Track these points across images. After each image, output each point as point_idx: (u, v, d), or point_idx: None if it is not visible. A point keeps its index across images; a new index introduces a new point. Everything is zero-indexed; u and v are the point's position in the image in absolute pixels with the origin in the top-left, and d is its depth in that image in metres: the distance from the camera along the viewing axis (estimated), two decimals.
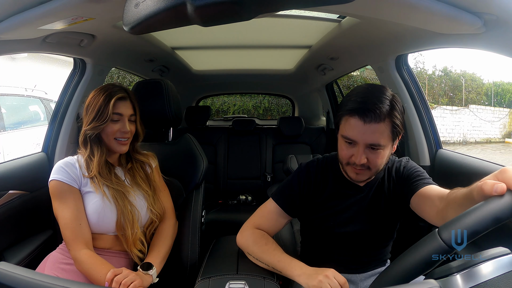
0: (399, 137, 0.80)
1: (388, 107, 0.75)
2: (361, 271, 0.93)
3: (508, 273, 0.41)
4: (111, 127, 0.94)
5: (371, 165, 0.79)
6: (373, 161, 0.78)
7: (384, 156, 0.79)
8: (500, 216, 0.41)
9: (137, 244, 0.94)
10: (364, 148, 0.77)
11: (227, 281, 0.75)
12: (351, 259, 0.92)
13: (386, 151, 0.78)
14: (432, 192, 0.75)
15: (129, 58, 1.67)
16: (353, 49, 1.56)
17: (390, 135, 0.77)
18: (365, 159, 0.78)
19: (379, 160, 0.78)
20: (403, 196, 0.84)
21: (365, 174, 0.81)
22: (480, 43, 0.90)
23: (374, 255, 0.94)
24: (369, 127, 0.74)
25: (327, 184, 0.90)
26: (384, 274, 0.49)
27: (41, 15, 0.76)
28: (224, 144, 2.47)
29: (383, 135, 0.75)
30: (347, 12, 1.05)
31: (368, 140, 0.76)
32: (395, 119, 0.76)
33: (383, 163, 0.80)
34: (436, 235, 0.43)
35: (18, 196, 1.19)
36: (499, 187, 0.43)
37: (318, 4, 0.79)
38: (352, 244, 0.91)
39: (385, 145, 0.77)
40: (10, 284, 0.42)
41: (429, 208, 0.74)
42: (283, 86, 2.82)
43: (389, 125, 0.75)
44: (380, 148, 0.77)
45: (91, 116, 0.93)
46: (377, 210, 0.88)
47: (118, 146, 0.97)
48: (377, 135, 0.75)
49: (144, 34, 1.31)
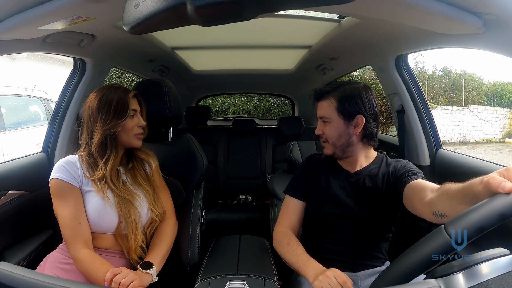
0: (356, 119, 0.93)
1: (330, 89, 0.97)
2: (359, 268, 0.94)
3: (507, 273, 0.41)
4: (130, 123, 0.97)
5: (326, 137, 0.98)
6: (326, 132, 0.98)
7: (333, 129, 0.96)
8: (506, 213, 0.41)
9: (137, 251, 0.94)
10: (321, 122, 1.00)
11: (227, 281, 0.75)
12: (343, 248, 0.94)
13: (334, 124, 0.95)
14: (423, 185, 0.78)
15: (129, 58, 1.67)
16: (353, 49, 1.56)
17: (335, 110, 0.94)
18: (321, 130, 0.99)
19: (329, 132, 0.97)
20: (396, 189, 0.89)
21: (327, 147, 1.00)
22: (480, 43, 0.90)
23: (366, 246, 0.95)
24: (319, 104, 0.99)
25: (322, 170, 1.04)
26: (387, 271, 0.49)
27: (41, 15, 0.76)
28: (224, 144, 2.48)
29: (328, 109, 0.96)
30: (347, 12, 1.05)
31: (319, 113, 0.99)
32: (340, 97, 0.94)
33: (334, 136, 0.96)
34: (443, 231, 0.43)
35: (18, 196, 1.19)
36: (507, 186, 0.43)
37: (318, 4, 0.79)
38: (341, 229, 0.95)
39: (331, 118, 0.95)
40: (10, 284, 0.42)
41: (418, 198, 0.76)
42: (283, 86, 2.82)
43: (333, 101, 0.95)
44: (328, 120, 0.96)
45: (109, 115, 0.93)
46: (365, 197, 0.94)
47: (137, 140, 1.01)
48: (323, 109, 0.97)
49: (144, 34, 1.32)
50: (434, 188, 0.73)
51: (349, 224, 0.94)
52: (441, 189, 0.68)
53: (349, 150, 0.97)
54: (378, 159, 1.00)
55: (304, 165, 1.07)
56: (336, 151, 0.98)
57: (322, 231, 0.98)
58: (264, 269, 0.84)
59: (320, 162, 1.05)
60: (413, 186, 0.81)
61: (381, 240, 0.96)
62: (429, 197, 0.71)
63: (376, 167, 0.97)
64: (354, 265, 0.94)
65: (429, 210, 0.69)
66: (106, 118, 0.93)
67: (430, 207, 0.69)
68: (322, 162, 1.05)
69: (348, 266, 0.93)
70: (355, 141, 0.96)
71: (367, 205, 0.93)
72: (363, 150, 0.99)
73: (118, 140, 0.97)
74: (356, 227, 0.94)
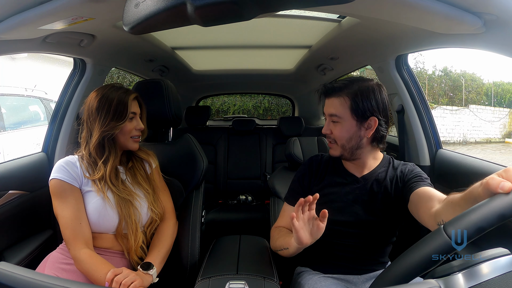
0: (369, 121, 0.87)
1: (343, 85, 0.88)
2: (362, 272, 0.93)
3: (507, 273, 0.41)
4: (128, 126, 0.97)
5: (335, 137, 0.91)
6: (335, 132, 0.90)
7: (344, 130, 0.88)
8: (506, 213, 0.41)
9: (138, 251, 0.94)
10: (329, 120, 0.92)
11: (227, 281, 0.75)
12: (350, 255, 0.93)
13: (346, 125, 0.88)
14: (431, 194, 0.77)
15: (129, 58, 1.67)
16: (353, 49, 1.56)
17: (348, 109, 0.87)
18: (329, 130, 0.92)
19: (339, 132, 0.89)
20: (403, 194, 0.87)
21: (335, 148, 0.93)
22: (480, 43, 0.90)
23: (372, 252, 0.94)
24: (328, 100, 0.91)
25: (326, 173, 0.98)
26: (387, 271, 0.49)
27: (41, 15, 0.76)
28: (224, 144, 2.47)
29: (340, 107, 0.88)
30: (347, 12, 1.05)
31: (329, 111, 0.90)
32: (354, 95, 0.86)
33: (344, 137, 0.89)
34: (442, 231, 0.43)
35: (18, 196, 1.18)
36: (506, 185, 0.44)
37: (318, 4, 0.79)
38: (349, 236, 0.92)
39: (343, 117, 0.88)
40: (10, 284, 0.42)
41: (425, 208, 0.75)
42: (283, 86, 2.82)
43: (347, 100, 0.87)
44: (339, 120, 0.88)
45: (108, 116, 0.92)
46: (373, 203, 0.91)
47: (133, 143, 1.00)
48: (334, 106, 0.89)
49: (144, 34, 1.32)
50: (441, 198, 0.72)
51: (356, 231, 0.91)
52: (446, 199, 0.68)
53: (357, 152, 0.91)
54: (385, 161, 0.97)
55: (304, 170, 1.01)
56: (344, 153, 0.92)
57: (327, 237, 0.94)
58: (264, 269, 0.84)
59: (323, 164, 1.00)
60: (420, 194, 0.79)
61: (386, 245, 0.96)
62: (435, 208, 0.70)
63: (384, 170, 0.94)
64: (357, 269, 0.93)
65: (434, 220, 0.68)
66: (105, 119, 0.92)
67: (436, 217, 0.68)
68: (326, 164, 0.99)
69: (351, 270, 0.93)
70: (365, 143, 0.90)
71: (376, 211, 0.90)
72: (371, 153, 0.94)
73: (116, 142, 0.97)
74: (363, 234, 0.91)
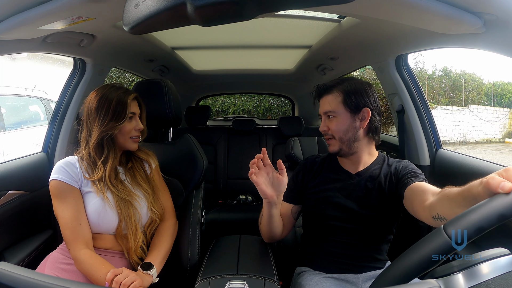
0: (362, 112, 0.92)
1: (335, 83, 0.95)
2: (360, 270, 0.94)
3: (507, 273, 0.41)
4: (128, 126, 0.97)
5: (332, 132, 0.95)
6: (331, 127, 0.95)
7: (339, 123, 0.93)
8: (506, 213, 0.41)
9: (138, 251, 0.94)
10: (325, 118, 0.96)
11: (227, 281, 0.75)
12: (346, 251, 0.94)
13: (340, 118, 0.93)
14: (424, 188, 0.77)
15: (129, 58, 1.67)
16: (353, 49, 1.56)
17: (341, 103, 0.92)
18: (326, 126, 0.96)
19: (335, 126, 0.94)
20: (397, 191, 0.88)
21: (333, 143, 0.96)
22: (480, 43, 0.90)
23: (368, 249, 0.94)
24: (322, 99, 0.97)
25: (321, 170, 1.02)
26: (386, 271, 0.49)
27: (41, 15, 0.76)
28: (224, 144, 2.47)
29: (333, 102, 0.93)
30: (347, 12, 1.05)
31: (324, 108, 0.96)
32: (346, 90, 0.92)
33: (341, 130, 0.93)
34: (442, 231, 0.43)
35: (18, 196, 1.18)
36: (506, 185, 0.43)
37: (318, 4, 0.79)
38: (344, 232, 0.94)
39: (337, 111, 0.93)
40: (10, 284, 0.42)
41: (419, 201, 0.75)
42: (283, 86, 2.82)
43: (340, 94, 0.93)
44: (333, 114, 0.93)
45: (107, 116, 0.92)
46: (368, 199, 0.92)
47: (132, 144, 1.00)
48: (328, 103, 0.94)
49: (144, 34, 1.32)
50: (435, 191, 0.72)
51: (351, 227, 0.93)
52: (442, 192, 0.67)
53: (355, 145, 0.95)
54: (380, 158, 0.99)
55: (298, 169, 1.06)
56: (343, 146, 0.95)
57: (323, 233, 0.98)
58: (264, 269, 0.84)
59: (319, 163, 1.04)
60: (414, 189, 0.81)
61: (382, 242, 0.96)
62: (429, 201, 0.70)
63: (378, 167, 0.96)
64: (355, 267, 0.94)
65: (429, 213, 0.69)
66: (104, 119, 0.92)
67: (430, 210, 0.68)
68: (322, 162, 1.04)
69: (349, 268, 0.93)
70: (361, 135, 0.94)
71: (369, 207, 0.92)
72: (367, 147, 0.97)
73: (116, 142, 0.97)
74: (358, 230, 0.93)
